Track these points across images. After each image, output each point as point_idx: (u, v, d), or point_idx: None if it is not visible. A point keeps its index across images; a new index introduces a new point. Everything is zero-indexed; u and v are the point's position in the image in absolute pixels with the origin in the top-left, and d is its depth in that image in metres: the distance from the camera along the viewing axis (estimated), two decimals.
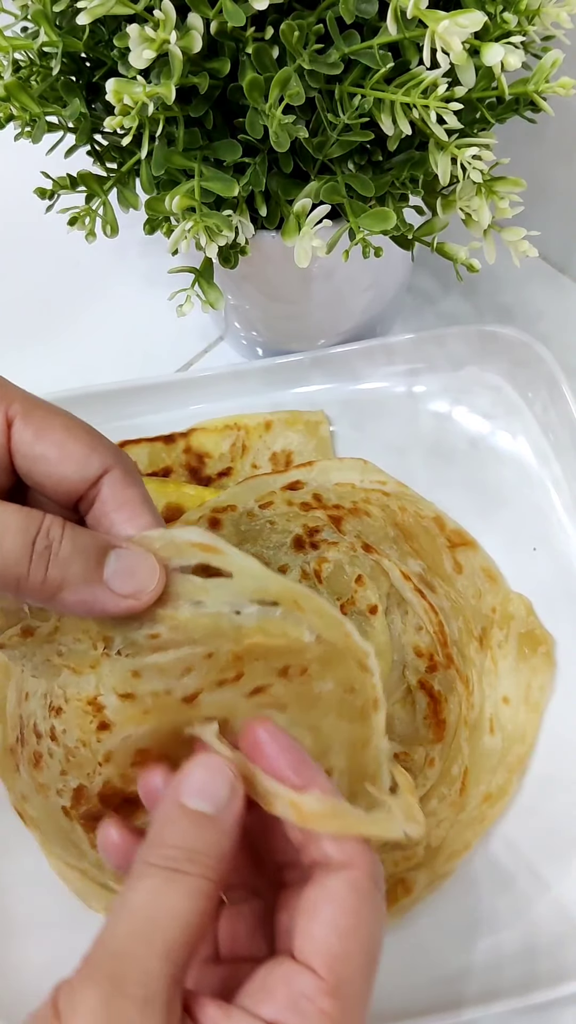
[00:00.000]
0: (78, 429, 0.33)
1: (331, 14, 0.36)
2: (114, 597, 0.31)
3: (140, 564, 0.32)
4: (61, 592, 0.31)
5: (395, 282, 0.57)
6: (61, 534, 0.31)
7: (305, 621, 0.33)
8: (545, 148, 0.57)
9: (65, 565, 0.30)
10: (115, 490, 0.33)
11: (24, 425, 0.32)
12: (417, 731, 0.48)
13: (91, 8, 0.34)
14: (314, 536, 0.51)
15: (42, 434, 0.32)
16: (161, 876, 0.29)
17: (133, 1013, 0.26)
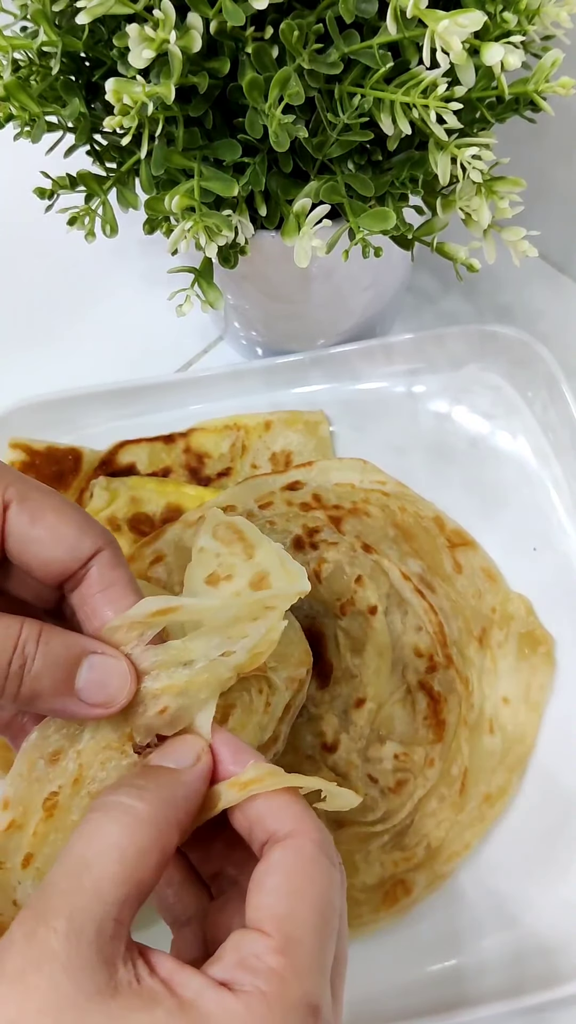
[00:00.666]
0: (70, 511, 0.34)
1: (331, 14, 0.36)
2: (85, 707, 0.32)
3: (111, 674, 0.33)
4: (35, 703, 0.32)
5: (395, 282, 0.57)
6: (35, 650, 0.31)
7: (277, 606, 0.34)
8: (545, 148, 0.57)
9: (37, 681, 0.31)
10: (103, 571, 0.33)
11: (20, 509, 0.33)
12: (417, 731, 0.48)
13: (90, 8, 0.34)
14: (314, 536, 0.51)
15: (37, 518, 0.33)
16: (98, 812, 0.29)
17: (55, 944, 0.26)
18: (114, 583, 0.34)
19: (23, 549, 0.33)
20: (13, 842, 0.33)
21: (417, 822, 0.47)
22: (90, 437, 0.57)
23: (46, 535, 0.33)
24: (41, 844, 0.33)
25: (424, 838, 0.47)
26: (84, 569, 0.33)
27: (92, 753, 0.33)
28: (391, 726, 0.48)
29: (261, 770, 0.32)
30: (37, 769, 0.33)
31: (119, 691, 0.32)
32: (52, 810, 0.33)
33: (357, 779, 0.46)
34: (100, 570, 0.33)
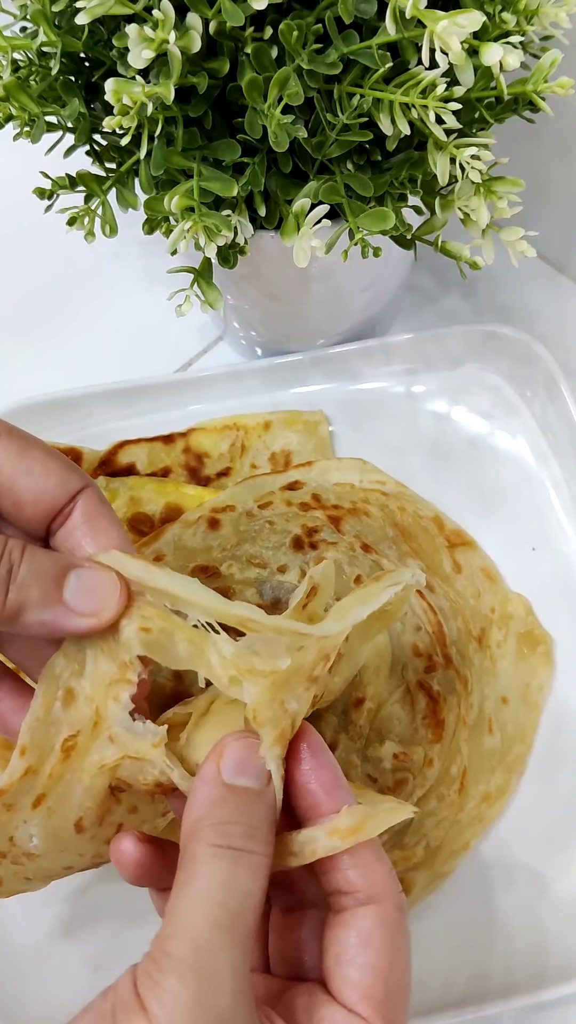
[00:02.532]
0: (56, 452, 0.34)
1: (330, 14, 0.36)
2: (75, 617, 0.31)
3: (100, 582, 0.32)
4: (22, 615, 0.31)
5: (394, 282, 0.57)
6: (20, 557, 0.31)
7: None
8: (544, 148, 0.57)
9: (24, 588, 0.31)
10: (89, 506, 0.34)
11: (8, 443, 0.33)
12: (416, 731, 0.48)
13: (90, 8, 0.34)
14: (313, 536, 0.51)
15: (25, 452, 0.33)
16: (228, 857, 0.29)
17: (225, 1008, 0.26)
18: (99, 516, 0.34)
19: (14, 480, 0.33)
20: (26, 786, 0.33)
21: (416, 822, 0.47)
22: (89, 437, 0.57)
23: (37, 467, 0.33)
24: (56, 784, 0.33)
25: (423, 838, 0.47)
26: (71, 504, 0.33)
27: (101, 690, 0.33)
28: (390, 726, 0.48)
29: (359, 815, 0.30)
30: (54, 712, 0.33)
31: (109, 598, 0.32)
32: (70, 752, 0.33)
33: (356, 779, 0.46)
34: (86, 504, 0.34)
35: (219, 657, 0.32)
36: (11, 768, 0.33)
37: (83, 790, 0.33)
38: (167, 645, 0.32)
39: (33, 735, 0.33)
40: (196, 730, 0.33)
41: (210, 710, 0.33)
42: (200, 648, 0.32)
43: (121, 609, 0.32)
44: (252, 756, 0.30)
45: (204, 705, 0.33)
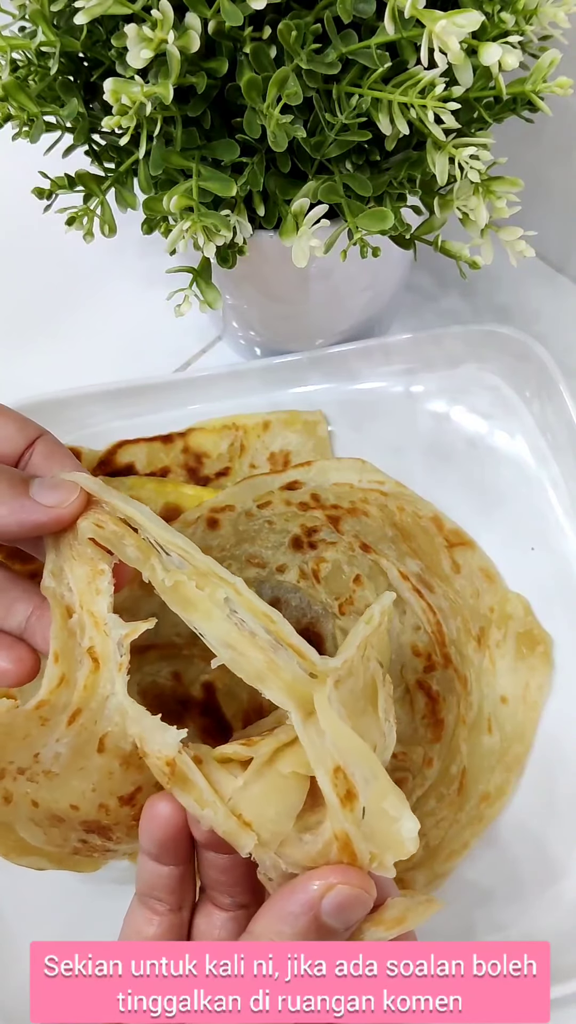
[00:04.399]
0: (6, 408, 0.38)
1: (329, 14, 0.36)
2: (42, 508, 0.34)
3: (61, 482, 0.35)
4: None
5: (393, 282, 0.57)
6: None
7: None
8: (543, 148, 0.57)
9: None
10: (46, 447, 0.38)
11: None
12: (415, 731, 0.48)
13: (89, 8, 0.34)
14: (312, 536, 0.51)
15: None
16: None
17: None
18: (56, 454, 0.38)
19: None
20: (63, 697, 0.34)
21: None
22: (89, 437, 0.57)
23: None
24: (90, 697, 0.34)
25: (423, 837, 0.47)
26: (29, 450, 0.37)
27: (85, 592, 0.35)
28: None
29: (401, 908, 0.31)
30: (71, 622, 0.35)
31: (70, 490, 0.35)
32: (97, 661, 0.34)
33: None
34: (44, 447, 0.38)
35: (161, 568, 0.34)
36: (48, 676, 0.34)
37: (115, 703, 0.34)
38: (117, 545, 0.35)
39: (61, 642, 0.34)
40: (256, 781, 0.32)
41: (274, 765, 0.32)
42: (146, 554, 0.34)
43: (82, 505, 0.35)
44: (355, 908, 0.30)
45: (268, 752, 0.32)
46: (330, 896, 0.30)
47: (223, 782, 0.32)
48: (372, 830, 0.31)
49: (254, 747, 0.32)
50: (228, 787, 0.32)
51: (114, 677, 0.34)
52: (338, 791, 0.30)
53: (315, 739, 0.31)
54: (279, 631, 0.33)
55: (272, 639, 0.33)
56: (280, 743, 0.32)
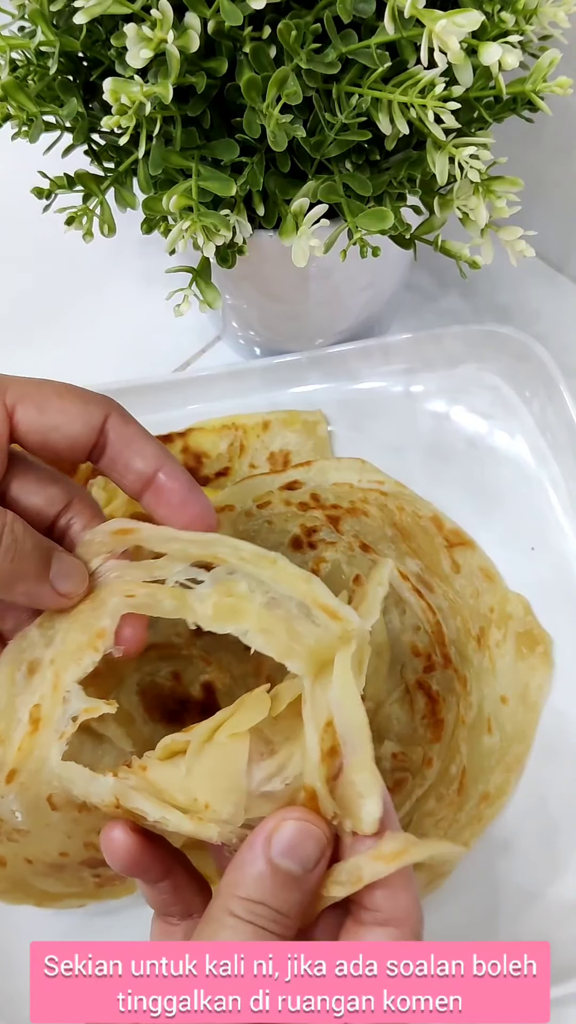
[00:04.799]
0: (67, 391, 0.36)
1: (328, 13, 0.36)
2: (54, 595, 0.35)
3: (74, 569, 0.35)
4: (15, 585, 0.34)
5: (393, 281, 0.57)
6: (23, 531, 0.34)
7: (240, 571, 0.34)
8: (543, 147, 0.57)
9: (25, 559, 0.34)
10: (118, 430, 0.36)
11: (26, 406, 0.35)
12: (415, 731, 0.48)
13: (88, 7, 0.34)
14: (312, 536, 0.51)
15: (44, 408, 0.35)
16: (247, 931, 0.30)
17: None
18: (132, 438, 0.37)
19: (44, 439, 0.35)
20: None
21: (415, 821, 0.47)
22: None
23: (61, 419, 0.35)
24: (26, 759, 0.33)
25: (422, 837, 0.47)
26: (102, 436, 0.36)
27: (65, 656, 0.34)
28: (389, 725, 0.48)
29: (402, 841, 0.31)
30: (17, 683, 0.34)
31: (80, 584, 0.35)
32: (37, 723, 0.33)
33: None
34: (116, 430, 0.36)
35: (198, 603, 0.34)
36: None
37: (50, 768, 0.33)
38: (153, 604, 0.34)
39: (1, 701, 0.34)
40: (198, 760, 0.32)
41: (213, 739, 0.33)
42: (183, 600, 0.34)
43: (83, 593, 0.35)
44: (306, 843, 0.30)
45: (206, 732, 0.33)
46: (277, 835, 0.30)
47: (170, 779, 0.32)
48: (340, 795, 0.31)
49: (192, 731, 0.33)
50: (175, 782, 0.32)
51: (51, 743, 0.33)
52: (323, 744, 0.30)
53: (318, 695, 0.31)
54: (311, 592, 0.33)
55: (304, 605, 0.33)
56: (217, 722, 0.33)
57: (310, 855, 0.30)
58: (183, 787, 0.32)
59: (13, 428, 0.35)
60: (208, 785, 0.32)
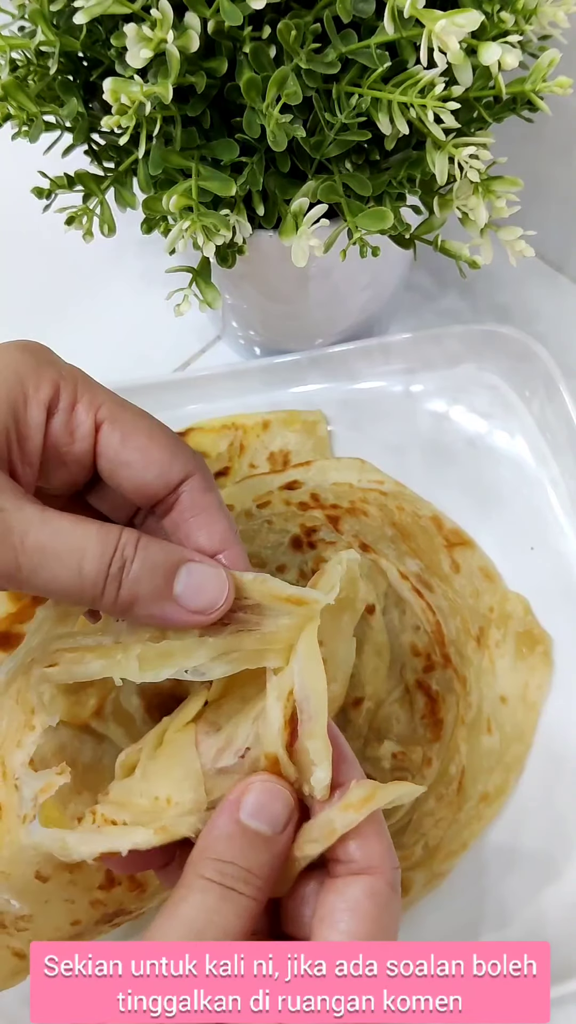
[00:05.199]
0: (161, 435, 0.34)
1: (328, 13, 0.36)
2: (184, 612, 0.32)
3: (210, 579, 0.32)
4: (133, 608, 0.32)
5: (393, 281, 0.57)
6: (134, 553, 0.31)
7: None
8: (542, 147, 0.57)
9: (136, 584, 0.31)
10: (194, 496, 0.34)
11: (112, 429, 0.33)
12: (415, 731, 0.48)
13: (88, 7, 0.34)
14: (312, 536, 0.51)
15: (128, 439, 0.33)
16: (216, 892, 0.29)
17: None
18: (205, 509, 0.34)
19: (114, 471, 0.33)
20: None
21: (415, 821, 0.47)
22: None
23: (137, 458, 0.33)
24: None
25: (422, 837, 0.47)
26: (175, 495, 0.34)
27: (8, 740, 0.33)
28: (389, 725, 0.48)
29: (368, 787, 0.31)
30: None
31: (218, 596, 0.32)
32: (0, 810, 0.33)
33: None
34: (191, 495, 0.34)
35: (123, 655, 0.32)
36: None
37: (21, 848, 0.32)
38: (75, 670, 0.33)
39: None
40: (152, 761, 0.33)
41: (164, 740, 0.33)
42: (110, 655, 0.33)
43: (227, 608, 0.32)
44: (274, 803, 0.31)
45: (155, 739, 0.33)
46: (245, 798, 0.30)
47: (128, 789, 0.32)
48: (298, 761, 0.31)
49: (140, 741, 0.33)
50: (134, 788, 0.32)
51: (17, 826, 0.32)
52: (285, 712, 0.31)
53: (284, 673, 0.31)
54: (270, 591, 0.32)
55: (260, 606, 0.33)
56: (164, 727, 0.33)
57: (278, 815, 0.31)
58: (142, 791, 0.32)
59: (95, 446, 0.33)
60: (164, 779, 0.32)
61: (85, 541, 0.31)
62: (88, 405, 0.33)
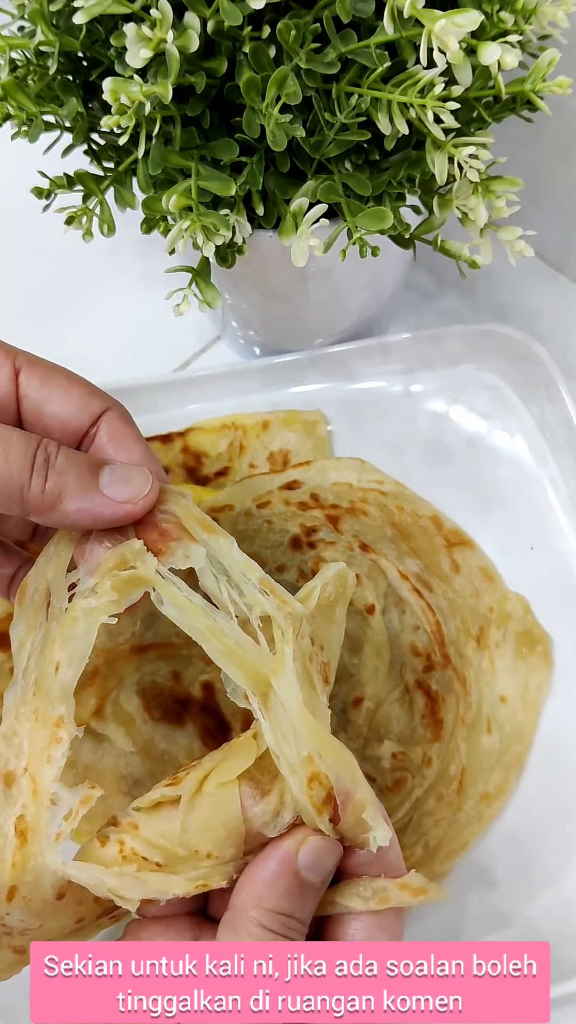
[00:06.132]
0: (77, 377, 0.36)
1: (328, 13, 0.36)
2: (112, 504, 0.33)
3: (134, 473, 0.34)
4: (61, 502, 0.33)
5: (392, 281, 0.57)
6: (57, 450, 0.33)
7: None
8: (542, 147, 0.57)
9: (63, 474, 0.33)
10: (113, 425, 0.36)
11: (31, 373, 0.35)
12: (415, 731, 0.48)
13: (88, 7, 0.34)
14: (311, 535, 0.51)
15: (48, 379, 0.35)
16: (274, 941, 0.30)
17: None
18: (123, 435, 0.36)
19: (39, 409, 0.35)
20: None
21: (415, 821, 0.47)
22: None
23: (60, 394, 0.35)
24: (21, 874, 0.32)
25: (422, 837, 0.47)
26: (95, 427, 0.36)
27: (36, 758, 0.33)
28: (389, 725, 0.48)
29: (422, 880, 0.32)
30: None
31: (143, 486, 0.34)
32: (25, 834, 0.33)
33: None
34: (110, 424, 0.36)
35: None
36: None
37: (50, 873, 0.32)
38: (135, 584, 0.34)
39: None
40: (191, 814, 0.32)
41: (202, 790, 0.33)
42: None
43: (154, 500, 0.34)
44: (329, 857, 0.32)
45: (195, 784, 0.33)
46: (304, 848, 0.31)
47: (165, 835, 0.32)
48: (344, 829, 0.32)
49: (179, 785, 0.33)
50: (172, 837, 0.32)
51: (44, 850, 0.32)
52: (313, 798, 0.31)
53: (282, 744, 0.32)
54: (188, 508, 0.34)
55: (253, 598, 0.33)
56: (205, 771, 0.33)
57: (330, 868, 0.32)
58: (182, 842, 0.32)
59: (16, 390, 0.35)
60: (207, 838, 0.32)
61: (8, 435, 0.33)
62: (5, 356, 0.35)
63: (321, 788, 0.31)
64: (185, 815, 0.32)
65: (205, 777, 0.33)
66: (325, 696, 0.34)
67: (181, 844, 0.32)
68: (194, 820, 0.32)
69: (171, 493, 0.35)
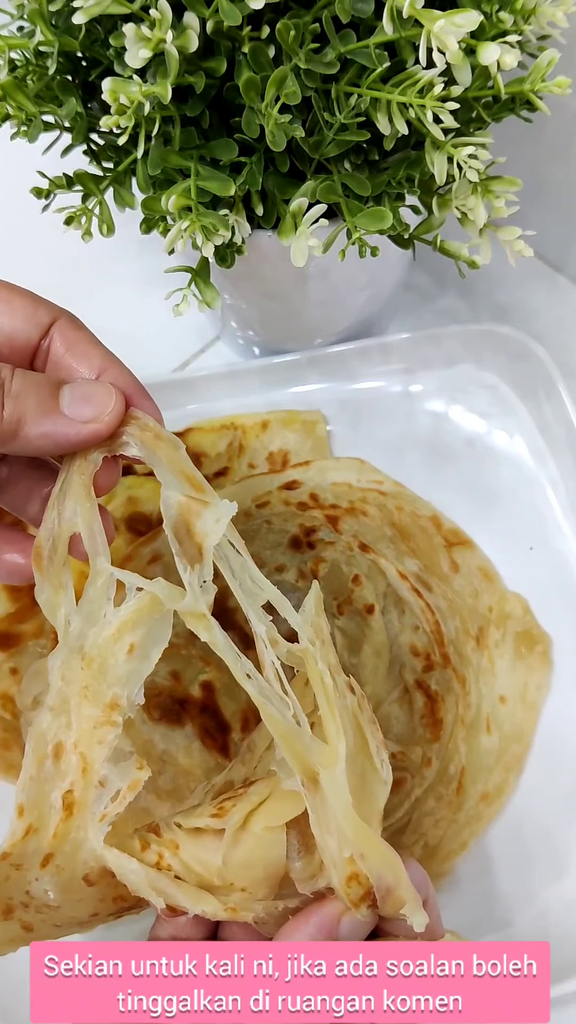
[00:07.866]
0: (19, 289, 0.34)
1: (327, 13, 0.36)
2: (75, 424, 0.31)
3: (96, 389, 0.32)
4: (22, 427, 0.31)
5: (392, 281, 0.57)
6: (11, 374, 0.31)
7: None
8: (541, 147, 0.57)
9: (19, 399, 0.31)
10: (65, 333, 0.34)
11: None
12: (414, 731, 0.48)
13: (87, 7, 0.34)
14: (311, 536, 0.51)
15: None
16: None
17: None
18: (78, 341, 0.34)
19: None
20: (31, 846, 0.33)
21: (415, 821, 0.47)
22: None
23: (2, 308, 0.33)
24: (61, 843, 0.33)
25: (422, 837, 0.47)
26: (47, 339, 0.34)
27: (86, 736, 0.33)
28: (388, 725, 0.48)
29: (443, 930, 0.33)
30: (45, 769, 0.33)
31: (105, 402, 0.32)
32: (71, 808, 0.33)
33: None
34: (63, 333, 0.34)
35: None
36: (12, 830, 0.33)
37: (89, 848, 0.32)
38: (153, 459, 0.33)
39: (29, 794, 0.33)
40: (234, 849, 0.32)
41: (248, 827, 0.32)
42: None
43: (120, 415, 0.32)
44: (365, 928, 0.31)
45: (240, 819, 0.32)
46: (347, 919, 0.31)
47: (205, 863, 0.32)
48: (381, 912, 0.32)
49: (225, 817, 0.32)
50: (211, 867, 0.32)
51: (87, 824, 0.32)
52: (351, 897, 0.31)
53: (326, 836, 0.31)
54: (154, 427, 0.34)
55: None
56: (252, 806, 0.32)
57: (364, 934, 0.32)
58: (220, 874, 0.32)
59: None
60: (246, 875, 0.32)
61: None
62: None
63: (360, 887, 0.31)
64: (228, 849, 0.32)
65: (251, 812, 0.32)
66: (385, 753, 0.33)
67: (219, 875, 0.32)
68: (236, 855, 0.32)
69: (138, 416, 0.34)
